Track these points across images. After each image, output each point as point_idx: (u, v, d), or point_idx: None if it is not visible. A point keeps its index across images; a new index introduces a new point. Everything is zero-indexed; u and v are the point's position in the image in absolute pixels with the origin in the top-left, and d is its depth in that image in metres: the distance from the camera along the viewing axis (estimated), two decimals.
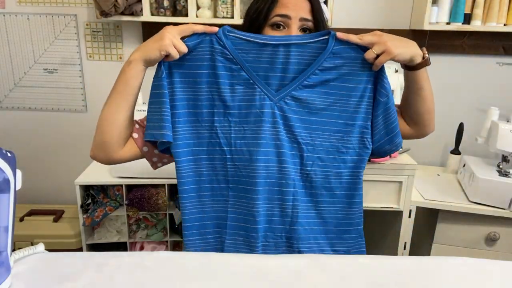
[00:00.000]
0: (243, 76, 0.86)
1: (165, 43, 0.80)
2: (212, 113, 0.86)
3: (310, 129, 0.87)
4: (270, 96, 0.86)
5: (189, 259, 0.69)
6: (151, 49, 0.82)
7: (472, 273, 0.67)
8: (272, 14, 0.89)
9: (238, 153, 0.86)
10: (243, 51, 0.85)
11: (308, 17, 0.90)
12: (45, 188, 2.07)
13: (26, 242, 1.78)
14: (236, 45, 0.85)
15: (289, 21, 0.89)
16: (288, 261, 0.69)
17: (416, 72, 0.88)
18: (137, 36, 1.85)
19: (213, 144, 0.87)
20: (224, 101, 0.86)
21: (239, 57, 0.85)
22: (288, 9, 0.88)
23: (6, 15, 1.85)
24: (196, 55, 0.85)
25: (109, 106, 0.87)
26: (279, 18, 0.89)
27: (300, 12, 0.89)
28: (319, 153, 0.87)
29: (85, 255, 0.68)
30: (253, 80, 0.86)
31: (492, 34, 1.76)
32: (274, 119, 0.85)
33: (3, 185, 0.55)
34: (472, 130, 1.81)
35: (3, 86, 1.95)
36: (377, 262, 0.69)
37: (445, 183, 1.71)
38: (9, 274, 0.59)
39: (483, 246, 1.55)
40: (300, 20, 0.89)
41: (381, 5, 1.79)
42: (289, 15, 0.88)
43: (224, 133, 0.86)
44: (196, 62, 0.85)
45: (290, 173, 0.86)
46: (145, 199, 1.66)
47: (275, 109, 0.86)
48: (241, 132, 0.86)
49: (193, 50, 0.84)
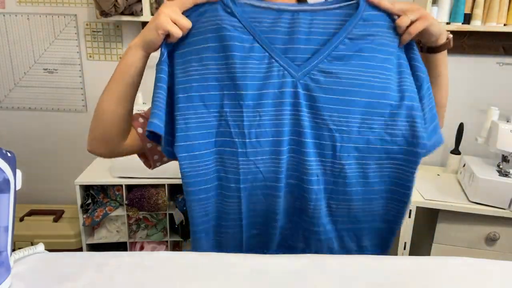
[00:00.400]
0: (257, 49, 0.68)
1: (161, 20, 0.67)
2: (222, 95, 0.69)
3: (345, 112, 0.68)
4: (292, 72, 0.68)
5: (189, 259, 0.68)
6: (148, 31, 0.70)
7: (472, 273, 0.67)
8: None
9: (253, 145, 0.69)
10: (256, 20, 0.69)
11: None
12: (45, 188, 2.07)
13: (26, 242, 1.78)
14: (247, 13, 0.69)
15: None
16: (288, 261, 0.69)
17: (438, 55, 0.80)
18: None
19: (223, 133, 0.69)
20: (234, 81, 0.68)
21: (251, 26, 0.69)
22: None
23: (6, 15, 1.85)
24: (200, 29, 0.70)
25: (108, 97, 0.77)
26: None
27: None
28: (357, 142, 0.69)
29: (85, 255, 0.68)
30: (270, 53, 0.69)
31: (492, 34, 1.76)
32: (297, 101, 0.68)
33: (3, 185, 0.55)
34: (472, 130, 1.81)
35: (3, 86, 1.95)
36: (377, 262, 0.69)
37: (445, 183, 1.71)
38: (9, 274, 0.59)
39: (483, 246, 1.55)
40: None
41: None
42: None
43: (235, 120, 0.69)
44: (200, 36, 0.70)
45: (312, 168, 0.70)
46: (145, 199, 1.66)
47: (299, 88, 0.68)
48: (256, 119, 0.68)
49: (196, 24, 0.70)
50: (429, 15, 0.72)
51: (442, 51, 0.80)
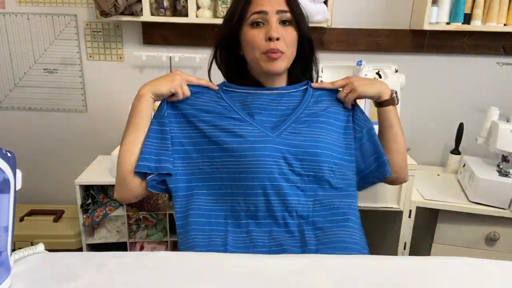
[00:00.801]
0: (240, 119, 0.92)
1: (176, 83, 0.91)
2: (213, 148, 0.90)
3: (307, 161, 0.89)
4: (268, 133, 0.90)
5: (189, 259, 0.69)
6: (162, 85, 0.91)
7: (472, 273, 0.67)
8: (248, 13, 0.93)
9: (238, 187, 0.88)
10: (239, 101, 0.97)
11: (284, 8, 0.93)
12: (45, 188, 2.07)
13: (26, 242, 1.78)
14: (233, 98, 0.97)
15: (267, 17, 0.92)
16: (288, 261, 0.69)
17: (385, 109, 0.99)
18: (137, 36, 1.85)
19: (215, 179, 0.90)
20: (222, 138, 0.90)
21: (235, 105, 0.95)
22: (263, 5, 0.92)
23: (6, 15, 1.85)
24: (197, 100, 0.96)
25: (129, 138, 0.91)
26: (256, 15, 0.92)
27: (275, 5, 0.92)
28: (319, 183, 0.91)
29: (85, 255, 0.68)
30: (250, 122, 0.92)
31: (492, 34, 1.76)
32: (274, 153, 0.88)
33: (3, 185, 0.55)
34: (472, 130, 1.81)
35: (3, 86, 1.95)
36: (377, 262, 0.69)
37: (445, 183, 1.71)
38: (9, 274, 0.59)
39: (483, 246, 1.55)
40: (277, 13, 0.92)
41: (381, 5, 1.79)
42: (265, 11, 0.91)
43: (225, 167, 0.89)
44: (197, 106, 0.95)
45: (292, 203, 0.88)
46: (145, 199, 1.66)
47: (275, 144, 0.89)
48: (239, 167, 0.88)
49: (194, 97, 0.96)
50: (359, 87, 0.95)
51: (387, 106, 0.99)
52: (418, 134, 1.94)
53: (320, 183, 0.90)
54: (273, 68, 0.94)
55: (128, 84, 1.89)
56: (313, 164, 0.88)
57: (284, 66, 0.95)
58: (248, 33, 0.94)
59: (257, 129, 0.90)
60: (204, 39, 1.83)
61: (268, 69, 0.94)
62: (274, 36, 0.90)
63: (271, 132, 0.90)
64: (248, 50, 0.96)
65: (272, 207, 0.86)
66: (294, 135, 0.90)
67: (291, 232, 0.86)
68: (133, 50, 1.84)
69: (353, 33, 1.79)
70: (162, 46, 1.85)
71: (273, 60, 0.92)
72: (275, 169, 0.86)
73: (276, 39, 0.91)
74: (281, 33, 0.92)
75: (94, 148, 1.98)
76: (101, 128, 1.99)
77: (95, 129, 1.99)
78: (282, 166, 0.87)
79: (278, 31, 0.91)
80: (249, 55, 0.96)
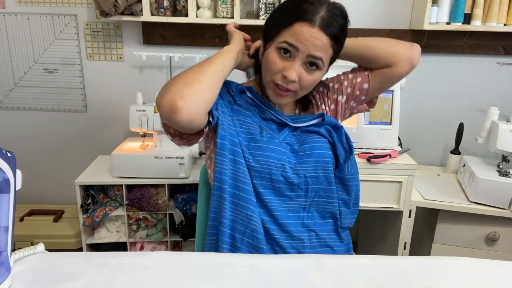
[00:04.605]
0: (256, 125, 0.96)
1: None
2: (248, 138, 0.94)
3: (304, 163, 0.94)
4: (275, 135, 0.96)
5: (189, 259, 0.69)
6: (241, 52, 0.95)
7: (472, 273, 0.67)
8: (282, 36, 0.86)
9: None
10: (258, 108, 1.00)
11: (319, 54, 0.85)
12: (45, 188, 2.07)
13: (26, 242, 1.78)
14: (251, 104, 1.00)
15: (296, 53, 0.85)
16: (288, 261, 0.69)
17: (347, 48, 0.95)
18: (137, 36, 1.85)
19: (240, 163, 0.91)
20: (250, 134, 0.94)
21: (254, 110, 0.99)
22: (299, 40, 0.83)
23: (6, 15, 1.85)
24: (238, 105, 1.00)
25: (209, 73, 0.85)
26: (287, 45, 0.85)
27: (310, 47, 0.83)
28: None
29: (85, 255, 0.68)
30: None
31: (492, 34, 1.76)
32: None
33: (3, 185, 0.55)
34: (472, 130, 1.81)
35: (3, 86, 1.95)
36: (377, 262, 0.69)
37: (445, 183, 1.71)
38: (9, 274, 0.59)
39: (483, 246, 1.55)
40: (307, 57, 0.85)
41: (381, 5, 1.79)
42: (297, 47, 0.84)
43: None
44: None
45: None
46: (145, 199, 1.66)
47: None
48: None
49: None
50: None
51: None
52: (418, 134, 1.94)
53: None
54: (278, 100, 0.92)
55: (128, 84, 1.90)
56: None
57: (289, 101, 0.94)
58: (271, 56, 0.87)
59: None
60: (204, 39, 1.83)
61: (272, 98, 0.93)
62: (290, 78, 0.85)
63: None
64: (264, 71, 0.92)
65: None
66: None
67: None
68: (133, 50, 1.84)
69: (353, 33, 1.78)
70: (162, 46, 1.85)
71: (279, 95, 0.90)
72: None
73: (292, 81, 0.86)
74: (301, 74, 0.86)
75: (94, 148, 1.98)
76: (101, 128, 1.99)
77: (95, 129, 1.99)
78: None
79: (297, 73, 0.86)
80: (263, 74, 0.93)
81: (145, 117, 1.64)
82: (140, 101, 1.68)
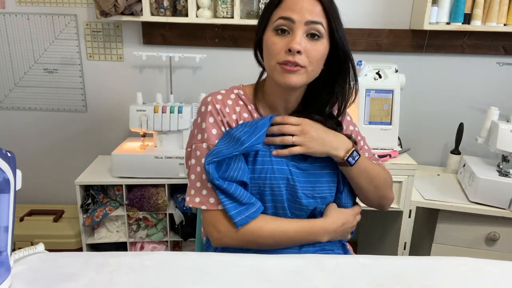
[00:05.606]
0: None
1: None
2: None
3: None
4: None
5: (189, 259, 0.69)
6: None
7: (472, 273, 0.67)
8: (275, 16, 0.82)
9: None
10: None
11: (317, 19, 0.80)
12: (45, 188, 2.07)
13: (26, 242, 1.78)
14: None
15: (293, 25, 0.80)
16: (288, 261, 0.69)
17: (343, 168, 0.90)
18: (137, 36, 1.85)
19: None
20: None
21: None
22: (292, 11, 0.80)
23: (6, 15, 1.85)
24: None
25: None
26: (282, 21, 0.81)
27: (306, 14, 0.79)
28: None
29: (85, 255, 0.68)
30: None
31: (492, 34, 1.76)
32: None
33: (3, 185, 0.55)
34: (472, 130, 1.81)
35: (3, 86, 1.95)
36: (377, 262, 0.69)
37: (445, 183, 1.71)
38: (9, 274, 0.59)
39: (483, 246, 1.55)
40: (306, 24, 0.80)
41: (381, 5, 1.79)
42: (292, 18, 0.80)
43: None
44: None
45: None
46: (145, 199, 1.66)
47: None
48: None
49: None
50: (310, 142, 0.86)
51: (342, 166, 0.90)
52: (418, 134, 1.94)
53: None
54: (287, 81, 0.82)
55: (128, 84, 1.89)
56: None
57: (300, 81, 0.83)
58: (270, 39, 0.83)
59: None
60: (204, 39, 1.83)
61: (281, 81, 0.83)
62: (295, 48, 0.79)
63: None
64: (266, 58, 0.85)
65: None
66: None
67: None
68: (133, 50, 1.84)
69: (353, 33, 1.79)
70: (162, 46, 1.85)
71: (288, 72, 0.81)
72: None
73: (297, 51, 0.79)
74: (305, 46, 0.80)
75: (94, 148, 1.98)
76: (101, 128, 1.99)
77: (95, 129, 1.99)
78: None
79: (301, 44, 0.80)
80: (266, 64, 0.86)
81: (145, 117, 1.64)
82: (140, 101, 1.68)
